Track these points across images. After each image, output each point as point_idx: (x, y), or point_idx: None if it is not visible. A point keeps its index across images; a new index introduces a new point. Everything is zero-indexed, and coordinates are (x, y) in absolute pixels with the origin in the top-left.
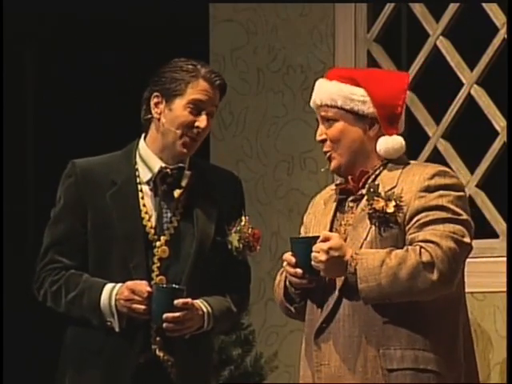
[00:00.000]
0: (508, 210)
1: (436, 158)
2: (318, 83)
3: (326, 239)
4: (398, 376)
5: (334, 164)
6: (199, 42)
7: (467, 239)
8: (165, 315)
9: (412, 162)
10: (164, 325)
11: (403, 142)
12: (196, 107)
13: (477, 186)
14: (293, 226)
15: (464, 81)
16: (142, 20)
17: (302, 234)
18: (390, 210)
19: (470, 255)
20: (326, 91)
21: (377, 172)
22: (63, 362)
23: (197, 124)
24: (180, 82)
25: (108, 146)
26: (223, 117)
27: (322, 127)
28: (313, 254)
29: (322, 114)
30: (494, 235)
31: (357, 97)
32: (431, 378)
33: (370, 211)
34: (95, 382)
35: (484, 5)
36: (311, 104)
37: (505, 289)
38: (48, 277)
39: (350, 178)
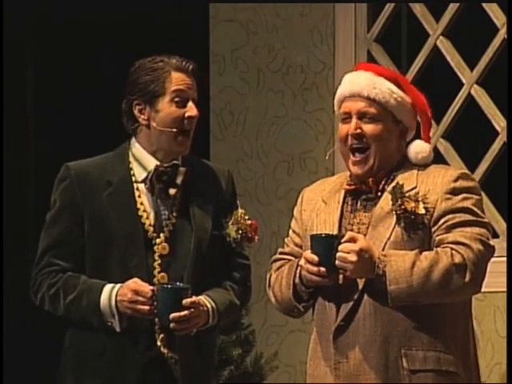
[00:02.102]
0: (508, 209)
1: (436, 158)
2: (360, 75)
3: (352, 240)
4: (420, 377)
5: (365, 167)
6: (199, 42)
7: (491, 242)
8: (172, 315)
9: None
10: (171, 325)
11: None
12: (181, 99)
13: None
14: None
15: (464, 81)
16: (142, 20)
17: (297, 231)
18: (421, 211)
19: None
20: (376, 86)
21: (394, 172)
22: (64, 365)
23: (187, 115)
24: (156, 82)
25: (108, 146)
26: (223, 117)
27: (356, 121)
28: (341, 255)
29: (363, 107)
30: (494, 235)
31: (404, 104)
32: (452, 380)
33: (399, 212)
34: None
35: (484, 5)
36: (343, 92)
37: (505, 289)
38: (45, 280)
39: (371, 180)
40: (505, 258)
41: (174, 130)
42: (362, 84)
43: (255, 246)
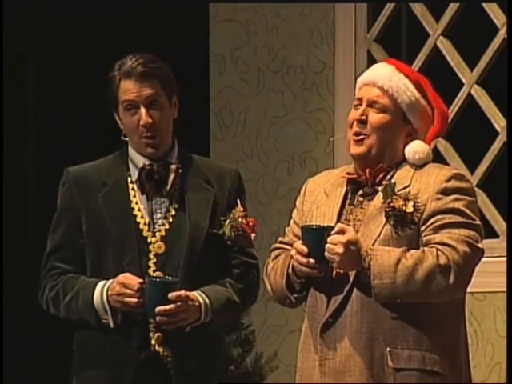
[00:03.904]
0: (508, 209)
1: (436, 158)
2: (382, 66)
3: (341, 231)
4: (404, 376)
5: (363, 148)
6: (199, 42)
7: (480, 245)
8: (157, 309)
9: None
10: (157, 318)
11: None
12: (131, 107)
13: (477, 185)
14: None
15: (464, 81)
16: (142, 20)
17: (298, 221)
18: (410, 209)
19: None
20: (392, 79)
21: (393, 170)
22: (72, 366)
23: (141, 123)
24: (111, 93)
25: (108, 146)
26: (223, 117)
27: (365, 108)
28: (328, 246)
29: (375, 95)
30: (494, 235)
31: (418, 105)
32: (436, 380)
33: (388, 209)
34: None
35: (484, 5)
36: (362, 79)
37: (505, 289)
38: (48, 283)
39: (368, 170)
40: (505, 258)
41: (134, 136)
42: (380, 74)
43: (255, 245)
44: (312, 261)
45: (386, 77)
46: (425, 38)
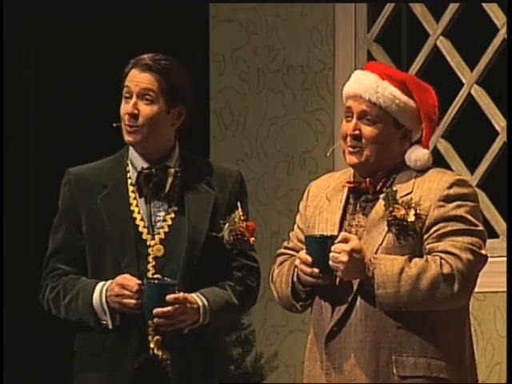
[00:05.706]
0: (508, 209)
1: (436, 158)
2: (366, 76)
3: (345, 240)
4: (410, 383)
5: (360, 158)
6: (199, 42)
7: (484, 251)
8: (154, 310)
9: None
10: (154, 320)
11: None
12: (128, 94)
13: (477, 185)
14: (293, 226)
15: (464, 81)
16: (142, 20)
17: (301, 226)
18: (411, 218)
19: None
20: (378, 90)
21: (393, 175)
22: (73, 368)
23: (127, 111)
24: (123, 80)
25: (109, 147)
26: (223, 117)
27: (356, 122)
28: (333, 255)
29: (364, 109)
30: (494, 235)
31: (407, 109)
32: None
33: (390, 218)
34: None
35: (484, 5)
36: (348, 91)
37: (505, 289)
38: (49, 284)
39: (368, 180)
40: (505, 258)
41: (122, 123)
42: (365, 86)
43: (255, 246)
44: (316, 270)
45: (371, 88)
46: (425, 38)
